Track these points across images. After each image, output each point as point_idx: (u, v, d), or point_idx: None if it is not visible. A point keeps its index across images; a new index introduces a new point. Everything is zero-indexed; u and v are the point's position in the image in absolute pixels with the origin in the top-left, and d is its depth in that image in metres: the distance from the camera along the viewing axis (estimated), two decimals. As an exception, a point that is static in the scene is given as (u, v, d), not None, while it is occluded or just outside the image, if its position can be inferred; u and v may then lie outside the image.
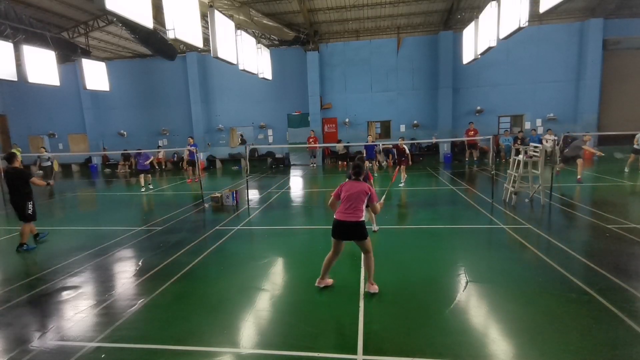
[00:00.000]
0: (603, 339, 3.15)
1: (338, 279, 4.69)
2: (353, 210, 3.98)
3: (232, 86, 19.18)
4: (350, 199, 4.00)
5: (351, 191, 4.03)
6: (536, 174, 8.05)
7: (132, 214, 9.40)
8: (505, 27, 9.25)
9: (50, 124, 20.97)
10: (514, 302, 3.84)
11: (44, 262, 5.71)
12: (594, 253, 5.15)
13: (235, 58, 10.75)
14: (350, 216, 3.97)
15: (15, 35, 12.15)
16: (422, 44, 17.46)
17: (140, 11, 6.98)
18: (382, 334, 3.36)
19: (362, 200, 4.03)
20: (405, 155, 11.29)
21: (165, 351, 3.25)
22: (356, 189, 4.04)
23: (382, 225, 6.86)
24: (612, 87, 16.25)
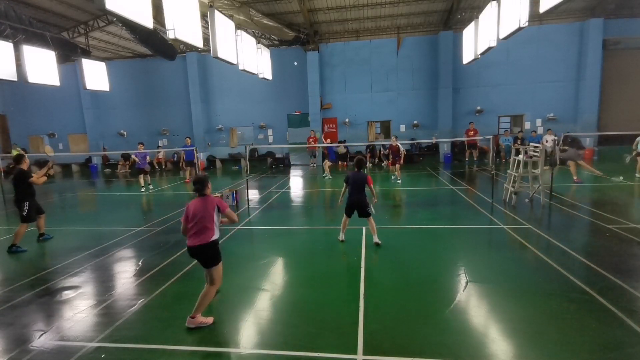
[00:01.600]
0: (603, 339, 3.15)
1: (338, 278, 4.70)
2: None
3: (232, 86, 19.18)
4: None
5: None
6: (536, 174, 8.05)
7: (132, 214, 9.40)
8: (505, 27, 9.24)
9: (50, 124, 20.98)
10: (514, 302, 3.84)
11: (44, 262, 5.72)
12: (594, 253, 5.15)
13: (235, 58, 10.75)
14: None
15: (15, 35, 12.15)
16: (422, 44, 17.46)
17: (140, 11, 6.98)
18: (382, 334, 3.36)
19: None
20: (400, 154, 11.75)
21: (165, 351, 3.25)
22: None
23: (382, 225, 6.85)
24: (612, 87, 16.25)
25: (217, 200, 3.68)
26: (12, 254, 6.25)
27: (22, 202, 6.43)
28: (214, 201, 3.64)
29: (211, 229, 3.58)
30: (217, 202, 3.66)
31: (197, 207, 3.59)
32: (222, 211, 3.66)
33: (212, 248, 3.61)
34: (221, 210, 3.66)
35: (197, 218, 3.55)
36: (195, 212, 3.57)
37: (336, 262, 5.32)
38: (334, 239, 6.21)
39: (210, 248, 3.59)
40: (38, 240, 6.88)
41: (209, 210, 3.58)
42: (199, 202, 3.62)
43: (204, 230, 3.56)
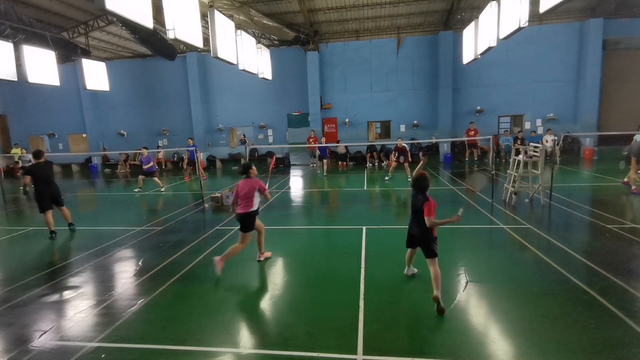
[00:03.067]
0: (603, 339, 3.15)
1: (338, 278, 4.69)
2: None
3: (232, 86, 19.18)
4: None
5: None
6: (536, 174, 8.05)
7: (132, 214, 9.40)
8: (505, 27, 9.24)
9: (50, 124, 20.97)
10: (514, 302, 3.84)
11: (44, 262, 5.71)
12: (594, 253, 5.15)
13: (235, 58, 10.74)
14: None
15: (15, 35, 12.15)
16: (422, 44, 17.45)
17: (140, 11, 6.98)
18: (382, 334, 3.36)
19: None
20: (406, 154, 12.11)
21: (165, 351, 3.25)
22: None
23: (382, 225, 6.86)
24: (612, 87, 16.24)
25: (259, 182, 4.98)
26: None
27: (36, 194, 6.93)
28: (256, 182, 4.97)
29: (253, 202, 4.93)
30: (258, 183, 4.97)
31: (243, 186, 4.95)
32: (261, 191, 4.99)
33: (252, 216, 4.93)
34: (260, 190, 4.98)
35: (243, 194, 4.90)
36: (242, 189, 4.94)
37: (336, 262, 5.31)
38: (334, 239, 6.20)
39: (250, 216, 4.92)
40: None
41: (252, 189, 4.92)
42: (245, 182, 4.98)
43: (249, 203, 4.90)
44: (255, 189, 4.93)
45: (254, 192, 4.94)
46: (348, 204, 9.64)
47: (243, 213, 4.89)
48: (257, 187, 4.95)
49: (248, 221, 4.91)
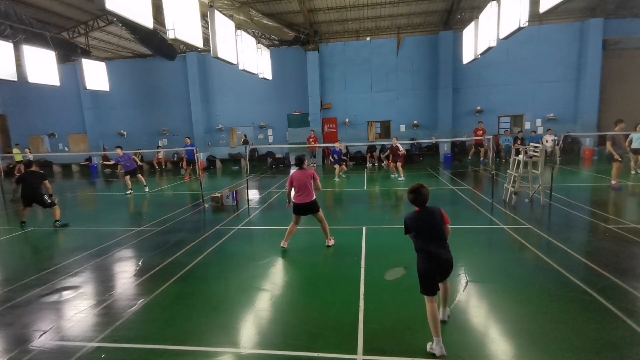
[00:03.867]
0: (603, 339, 3.15)
1: (338, 278, 4.69)
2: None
3: (232, 86, 19.18)
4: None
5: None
6: (536, 174, 8.05)
7: (132, 214, 9.40)
8: (505, 27, 9.24)
9: (50, 124, 20.97)
10: (514, 302, 3.84)
11: (44, 262, 5.71)
12: (594, 253, 5.15)
13: (235, 58, 10.74)
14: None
15: (15, 35, 12.16)
16: (422, 44, 17.46)
17: (140, 11, 6.98)
18: (382, 334, 3.36)
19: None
20: (399, 154, 12.17)
21: (165, 351, 3.25)
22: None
23: (382, 225, 6.86)
24: (612, 87, 16.25)
25: (312, 172, 5.54)
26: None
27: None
28: (310, 172, 5.53)
29: (311, 191, 5.52)
30: (312, 173, 5.54)
31: (299, 177, 5.50)
32: (314, 180, 5.54)
33: (315, 203, 5.63)
34: (314, 179, 5.53)
35: (300, 184, 5.46)
36: (298, 180, 5.49)
37: (336, 262, 5.31)
38: (334, 238, 6.19)
39: (314, 204, 5.61)
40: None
41: (308, 179, 5.49)
42: (300, 173, 5.54)
43: (307, 192, 5.51)
44: (311, 179, 5.45)
45: (311, 182, 5.44)
46: (348, 204, 9.64)
47: (307, 202, 5.49)
48: (313, 177, 5.50)
49: (314, 208, 5.57)
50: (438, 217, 3.16)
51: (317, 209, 5.67)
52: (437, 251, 3.08)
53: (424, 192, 3.19)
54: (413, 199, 3.22)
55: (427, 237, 3.13)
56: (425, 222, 3.15)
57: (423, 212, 3.19)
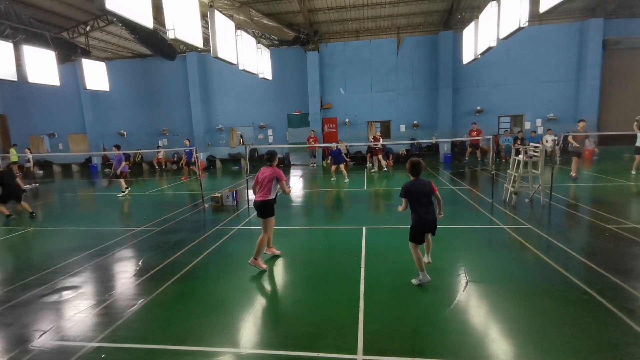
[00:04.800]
0: (603, 339, 3.15)
1: (338, 278, 4.69)
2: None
3: (232, 86, 19.18)
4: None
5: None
6: (536, 174, 8.05)
7: (132, 214, 9.40)
8: (505, 27, 9.24)
9: (50, 124, 20.97)
10: (514, 302, 3.84)
11: (44, 262, 5.71)
12: (594, 253, 5.15)
13: (235, 58, 10.74)
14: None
15: (15, 35, 12.16)
16: (422, 44, 17.45)
17: (140, 11, 6.98)
18: (382, 334, 3.36)
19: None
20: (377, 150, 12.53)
21: (165, 351, 3.25)
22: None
23: (382, 225, 6.86)
24: (612, 87, 16.25)
25: (278, 172, 4.97)
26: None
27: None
28: (276, 171, 4.99)
29: (269, 191, 4.95)
30: (278, 173, 4.96)
31: (264, 171, 5.00)
32: (279, 179, 4.95)
33: (266, 206, 4.99)
34: (278, 179, 4.95)
35: (263, 181, 4.96)
36: (262, 175, 4.99)
37: (336, 262, 5.31)
38: (334, 238, 6.20)
39: (265, 206, 4.99)
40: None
41: (271, 176, 4.95)
42: (266, 168, 5.03)
43: (267, 191, 4.95)
44: (274, 178, 4.96)
45: (273, 181, 4.97)
46: (348, 203, 9.64)
47: (260, 201, 4.98)
48: (276, 176, 4.95)
49: (266, 209, 5.01)
50: (428, 187, 4.20)
51: (266, 214, 5.06)
52: (425, 213, 4.17)
53: (420, 165, 4.25)
54: (411, 169, 4.23)
55: (418, 201, 4.14)
56: (418, 188, 4.17)
57: (418, 181, 4.22)
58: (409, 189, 4.18)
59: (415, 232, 4.28)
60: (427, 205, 4.15)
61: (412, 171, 4.22)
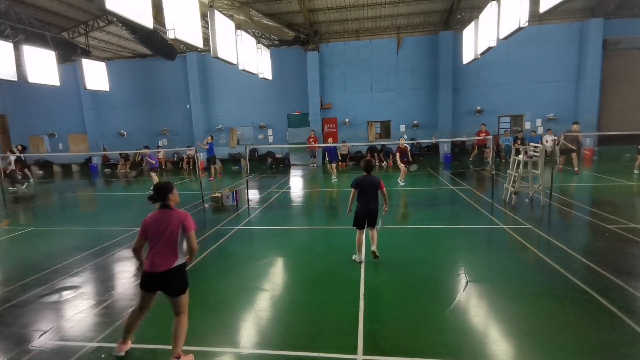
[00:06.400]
0: (603, 339, 3.15)
1: (338, 278, 4.69)
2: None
3: (232, 86, 19.17)
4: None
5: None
6: (536, 174, 8.05)
7: (132, 214, 9.40)
8: (505, 27, 9.24)
9: (50, 124, 20.97)
10: (514, 302, 3.84)
11: (44, 262, 5.71)
12: (594, 253, 5.15)
13: (235, 58, 10.74)
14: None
15: (15, 35, 12.15)
16: (422, 44, 17.45)
17: (140, 11, 6.98)
18: (382, 334, 3.36)
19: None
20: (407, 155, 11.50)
21: (165, 351, 3.25)
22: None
23: (382, 225, 6.85)
24: (612, 87, 16.24)
25: (186, 218, 3.19)
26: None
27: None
28: (183, 217, 3.19)
29: (177, 251, 3.13)
30: (184, 218, 3.18)
31: (158, 221, 3.18)
32: (185, 230, 3.14)
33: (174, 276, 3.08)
34: (185, 230, 3.14)
35: (158, 236, 3.14)
36: (153, 227, 3.19)
37: (336, 262, 5.31)
38: (334, 239, 6.21)
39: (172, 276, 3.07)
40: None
41: (174, 228, 3.12)
42: (160, 215, 3.22)
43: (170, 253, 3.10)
44: (178, 230, 3.05)
45: (178, 235, 3.04)
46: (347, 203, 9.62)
47: (161, 272, 2.97)
48: (182, 224, 3.07)
49: (172, 285, 3.04)
50: (376, 182, 4.94)
51: (177, 291, 3.05)
52: (369, 204, 4.93)
53: (372, 163, 5.10)
54: (365, 167, 5.06)
55: (366, 193, 4.94)
56: (367, 183, 4.94)
57: (368, 177, 5.00)
58: (359, 182, 5.00)
59: (357, 218, 5.05)
60: (371, 198, 4.95)
61: (365, 168, 5.06)
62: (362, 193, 4.98)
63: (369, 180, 4.99)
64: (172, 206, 3.21)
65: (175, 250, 3.05)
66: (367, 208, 4.94)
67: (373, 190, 4.96)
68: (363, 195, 4.98)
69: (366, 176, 5.04)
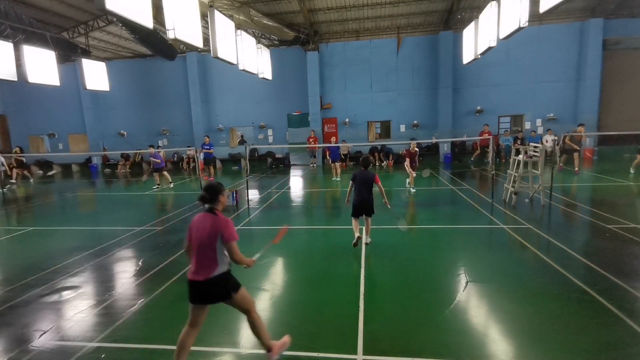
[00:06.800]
0: (603, 339, 3.15)
1: (338, 278, 4.69)
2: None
3: (232, 86, 19.17)
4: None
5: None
6: (536, 174, 8.05)
7: (132, 214, 9.40)
8: (505, 27, 9.24)
9: (50, 124, 20.96)
10: (514, 302, 3.84)
11: (44, 262, 5.71)
12: (594, 253, 5.15)
13: (235, 58, 10.74)
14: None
15: (15, 35, 12.15)
16: (422, 44, 17.45)
17: (140, 11, 6.98)
18: (382, 334, 3.36)
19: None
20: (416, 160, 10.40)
21: (165, 351, 3.25)
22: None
23: (382, 225, 6.86)
24: (612, 87, 16.24)
25: (227, 226, 2.83)
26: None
27: None
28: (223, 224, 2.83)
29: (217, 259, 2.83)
30: (227, 228, 2.82)
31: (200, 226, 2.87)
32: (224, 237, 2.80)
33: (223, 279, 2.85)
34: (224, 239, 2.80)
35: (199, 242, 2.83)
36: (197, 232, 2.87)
37: (336, 262, 5.31)
38: (334, 239, 6.21)
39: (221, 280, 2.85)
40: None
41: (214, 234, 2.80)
42: (203, 218, 2.94)
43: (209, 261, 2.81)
44: (217, 237, 2.76)
45: (217, 242, 2.76)
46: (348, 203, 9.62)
47: (201, 280, 2.75)
48: (220, 233, 2.76)
49: (214, 291, 2.82)
50: (370, 177, 5.53)
51: (221, 299, 2.86)
52: (363, 195, 5.53)
53: (368, 159, 5.81)
54: (362, 163, 5.72)
55: (360, 185, 5.55)
56: (363, 177, 5.55)
57: (364, 172, 5.59)
58: (356, 176, 5.61)
59: (353, 208, 5.66)
60: (366, 191, 5.53)
61: (362, 164, 5.71)
62: (358, 186, 5.59)
63: (364, 175, 5.56)
64: (217, 210, 2.94)
65: (215, 258, 2.78)
66: (360, 199, 5.56)
67: (367, 184, 5.53)
68: (358, 188, 5.59)
69: (363, 171, 5.61)
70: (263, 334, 3.00)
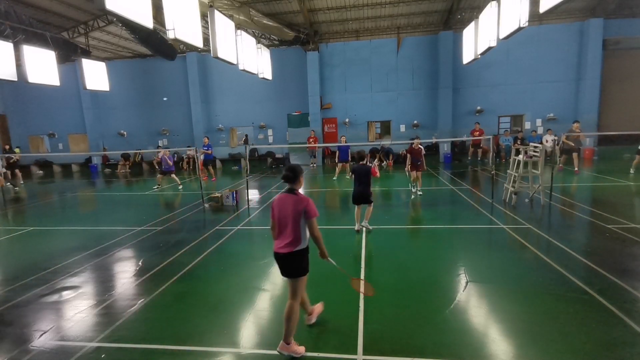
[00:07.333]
0: (603, 339, 3.15)
1: (338, 278, 4.69)
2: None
3: (232, 86, 19.17)
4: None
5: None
6: (536, 174, 8.05)
7: (132, 214, 9.40)
8: (505, 27, 9.24)
9: (50, 124, 20.97)
10: (514, 302, 3.84)
11: (44, 262, 5.71)
12: (593, 253, 5.15)
13: (235, 58, 10.74)
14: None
15: (15, 35, 12.14)
16: (422, 44, 17.45)
17: (140, 11, 6.98)
18: (382, 334, 3.36)
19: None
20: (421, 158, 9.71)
21: (165, 351, 3.25)
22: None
23: (382, 225, 6.87)
24: (612, 87, 16.24)
25: (308, 204, 3.14)
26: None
27: None
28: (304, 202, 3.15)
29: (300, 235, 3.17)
30: (307, 205, 3.14)
31: (284, 205, 3.17)
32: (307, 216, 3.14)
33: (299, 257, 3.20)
34: (307, 215, 3.14)
35: (283, 219, 3.17)
36: (281, 211, 3.17)
37: (336, 262, 5.30)
38: (334, 239, 6.21)
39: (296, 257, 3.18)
40: None
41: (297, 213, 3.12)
42: (285, 199, 3.19)
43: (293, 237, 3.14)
44: (301, 214, 3.08)
45: (300, 220, 3.09)
46: (348, 204, 9.62)
47: (285, 253, 3.11)
48: (304, 209, 3.08)
49: (293, 265, 3.16)
50: (366, 169, 6.41)
51: (293, 274, 3.19)
52: (361, 186, 6.41)
53: (362, 154, 7.28)
54: (357, 157, 7.05)
55: (359, 178, 6.43)
56: (360, 170, 6.45)
57: (362, 165, 6.52)
58: (355, 169, 6.57)
59: (353, 197, 6.56)
60: (364, 182, 6.38)
61: (358, 159, 6.99)
62: (357, 177, 6.46)
63: (362, 168, 6.46)
64: (297, 190, 3.25)
65: (298, 234, 3.12)
66: (358, 190, 6.45)
67: (364, 176, 6.38)
68: (357, 179, 6.45)
69: (360, 164, 6.55)
70: (289, 327, 3.07)
